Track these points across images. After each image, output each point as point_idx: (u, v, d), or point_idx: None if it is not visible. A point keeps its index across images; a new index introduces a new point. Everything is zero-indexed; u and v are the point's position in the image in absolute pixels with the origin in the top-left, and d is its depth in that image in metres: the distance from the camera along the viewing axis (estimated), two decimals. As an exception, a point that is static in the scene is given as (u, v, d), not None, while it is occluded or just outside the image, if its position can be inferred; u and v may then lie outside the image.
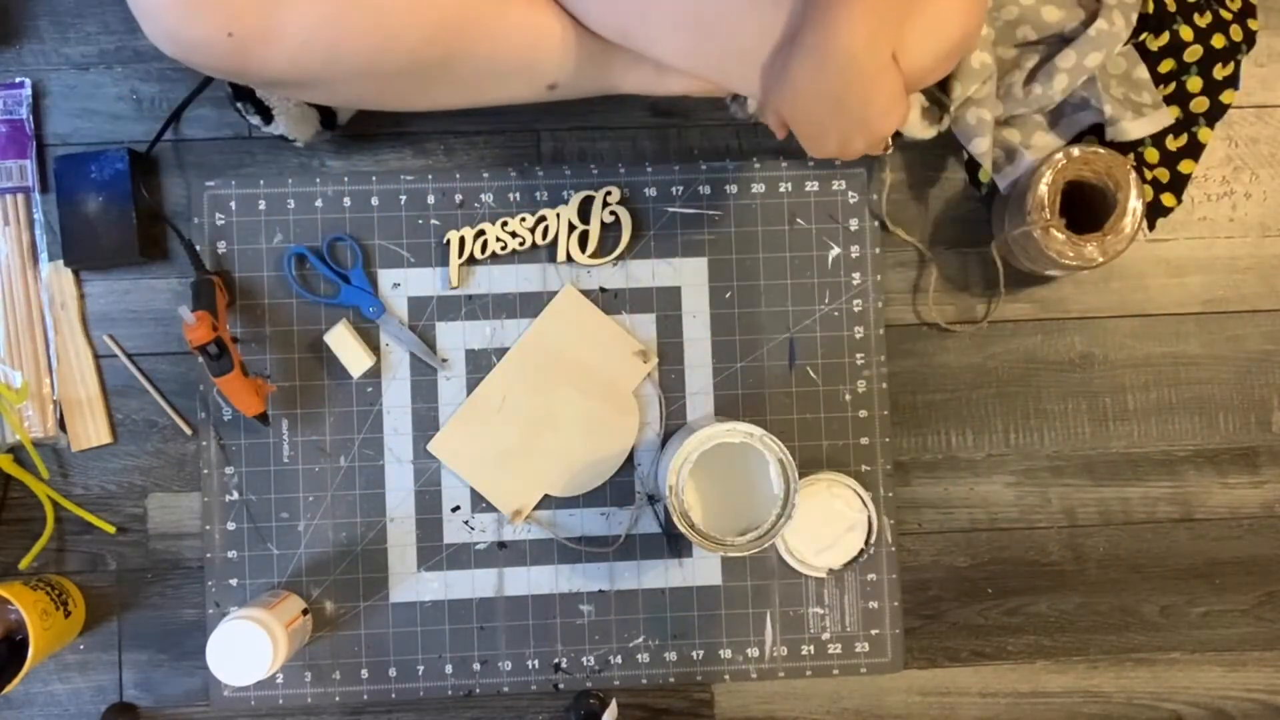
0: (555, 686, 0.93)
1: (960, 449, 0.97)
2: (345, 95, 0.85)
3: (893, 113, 0.74)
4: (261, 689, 0.92)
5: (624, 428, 0.93)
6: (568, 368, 0.93)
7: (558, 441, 0.93)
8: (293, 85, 0.80)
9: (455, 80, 0.82)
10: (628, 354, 0.93)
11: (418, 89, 0.83)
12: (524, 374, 0.93)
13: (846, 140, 0.76)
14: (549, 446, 0.93)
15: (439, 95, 0.84)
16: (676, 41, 0.78)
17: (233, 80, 0.86)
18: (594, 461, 0.93)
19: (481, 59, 0.80)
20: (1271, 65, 1.00)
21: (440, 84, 0.82)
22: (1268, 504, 0.98)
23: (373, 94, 0.83)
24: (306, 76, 0.77)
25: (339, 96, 0.86)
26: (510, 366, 0.93)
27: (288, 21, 0.72)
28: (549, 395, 0.93)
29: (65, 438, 0.93)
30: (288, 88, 0.83)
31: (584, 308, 0.93)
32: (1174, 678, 0.97)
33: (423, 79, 0.81)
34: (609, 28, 0.81)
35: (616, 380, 0.93)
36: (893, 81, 0.73)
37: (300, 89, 0.83)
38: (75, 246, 0.91)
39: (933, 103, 0.93)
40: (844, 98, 0.72)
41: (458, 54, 0.79)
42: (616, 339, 0.93)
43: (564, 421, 0.93)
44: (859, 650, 0.95)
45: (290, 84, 0.80)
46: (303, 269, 0.93)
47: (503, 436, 0.93)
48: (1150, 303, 0.98)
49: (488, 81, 0.83)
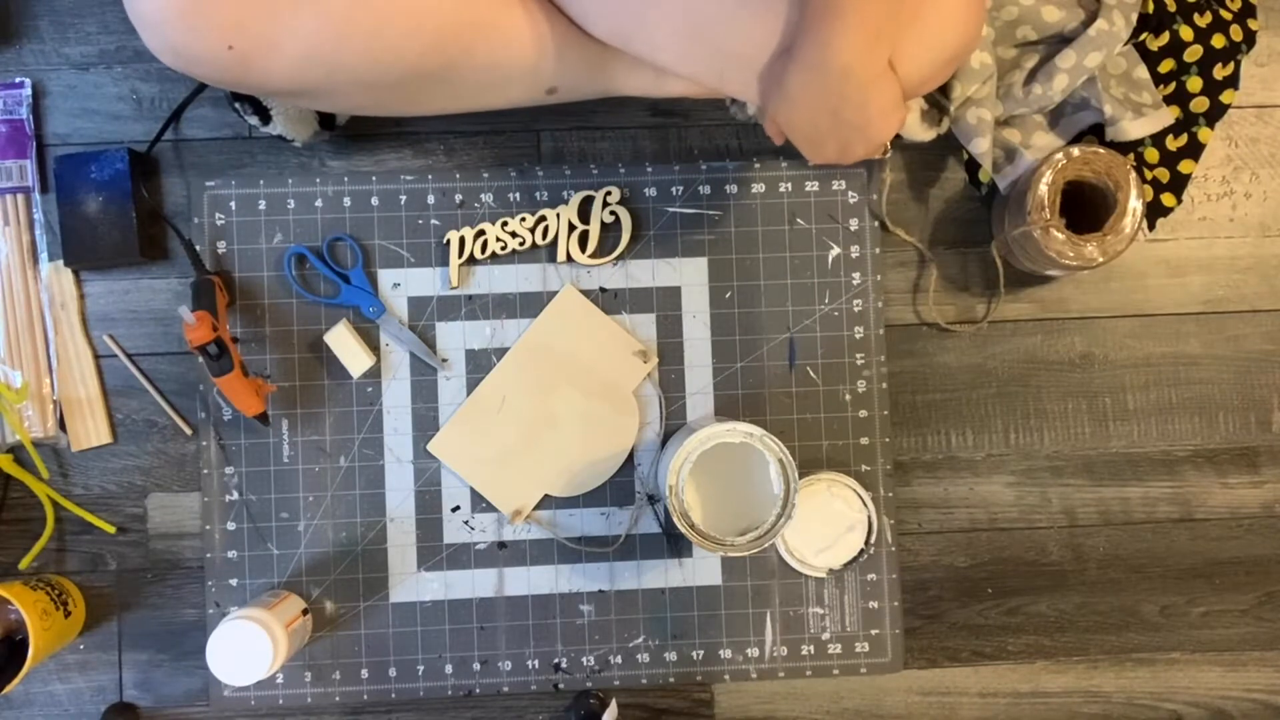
0: (555, 686, 0.93)
1: (960, 449, 0.97)
2: (346, 103, 0.85)
3: (890, 120, 0.74)
4: (261, 689, 0.92)
5: (624, 427, 0.93)
6: (568, 367, 0.93)
7: (557, 441, 0.93)
8: (293, 95, 0.80)
9: (455, 88, 0.82)
10: (628, 354, 0.93)
11: (418, 97, 0.83)
12: (524, 374, 0.93)
13: (845, 147, 0.76)
14: (549, 446, 0.93)
15: (439, 102, 0.84)
16: (676, 47, 0.78)
17: (233, 90, 0.86)
18: (594, 461, 0.93)
19: (481, 68, 0.81)
20: (1271, 65, 1.00)
21: (440, 92, 0.83)
22: (1268, 504, 0.98)
23: (373, 102, 0.83)
24: (307, 87, 0.77)
25: (339, 105, 0.86)
26: (510, 366, 0.93)
27: (288, 35, 0.72)
28: (549, 395, 0.93)
29: (65, 438, 0.93)
30: (288, 97, 0.84)
31: (584, 307, 0.93)
32: (1174, 678, 0.97)
33: (423, 88, 0.81)
34: (609, 33, 0.81)
35: (616, 380, 0.93)
36: (889, 90, 0.73)
37: (301, 98, 0.83)
38: (75, 246, 0.91)
39: (932, 105, 0.93)
40: (841, 109, 0.72)
41: (457, 63, 0.79)
42: (616, 339, 0.93)
43: (564, 421, 0.93)
44: (859, 650, 0.95)
45: (291, 94, 0.80)
46: (303, 269, 0.93)
47: (502, 436, 0.92)
48: (1150, 303, 0.98)
49: (487, 88, 0.84)
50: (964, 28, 0.76)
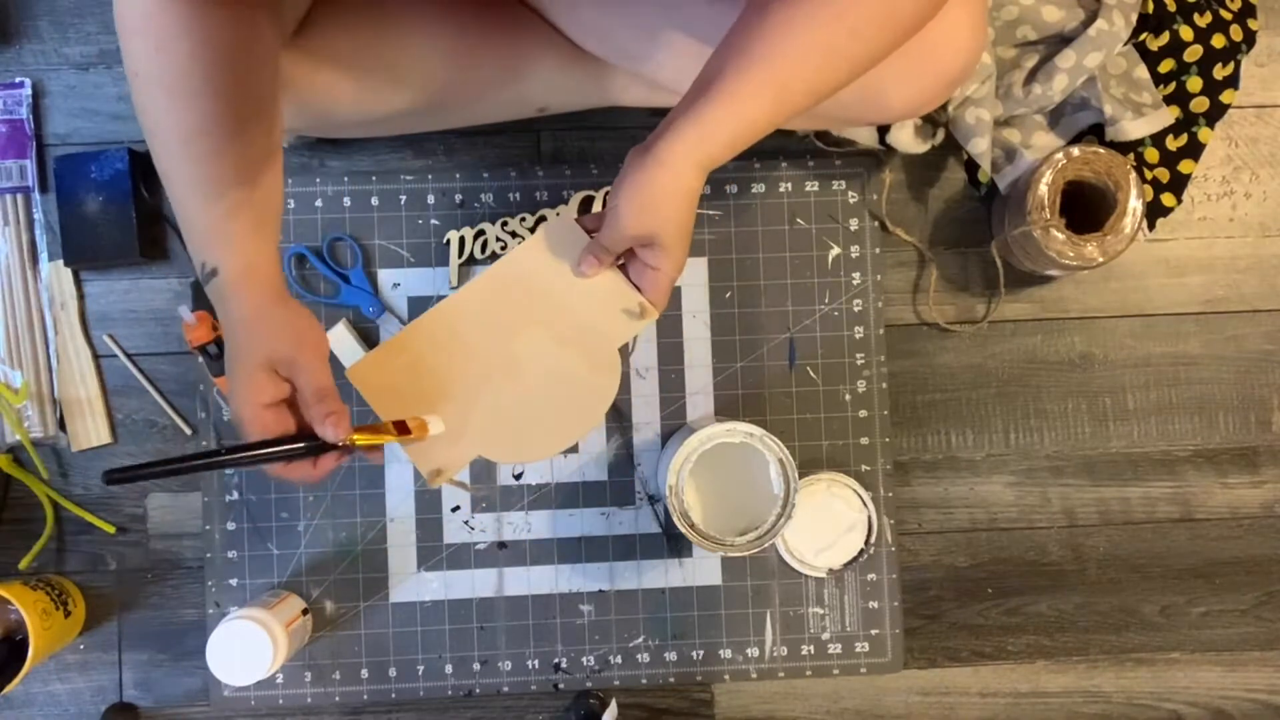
0: (555, 686, 0.93)
1: (960, 449, 0.97)
2: (339, 134, 0.91)
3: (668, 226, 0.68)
4: (261, 689, 0.92)
5: (598, 389, 0.73)
6: (544, 307, 0.73)
7: (511, 393, 0.72)
8: (287, 131, 0.86)
9: (449, 120, 0.89)
10: (621, 305, 0.73)
11: (410, 127, 0.90)
12: (487, 306, 0.73)
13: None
14: (499, 398, 0.72)
15: (431, 126, 0.90)
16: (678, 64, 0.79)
17: None
18: (551, 425, 0.73)
19: (473, 102, 0.86)
20: (1271, 65, 1.00)
21: (433, 123, 0.89)
22: (1267, 504, 0.98)
23: (365, 132, 0.90)
24: (301, 128, 0.84)
25: (333, 134, 0.92)
26: (472, 295, 0.73)
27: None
28: (512, 336, 0.73)
29: (65, 438, 0.92)
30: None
31: (579, 243, 0.72)
32: (1174, 678, 0.97)
33: (415, 123, 0.88)
34: (608, 52, 0.82)
35: (600, 330, 0.73)
36: (683, 208, 0.68)
37: (294, 132, 0.90)
38: (75, 246, 0.91)
39: (925, 120, 0.93)
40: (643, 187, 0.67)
41: (451, 105, 0.85)
42: (612, 285, 0.72)
43: (525, 370, 0.73)
44: (859, 650, 0.95)
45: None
46: (303, 269, 0.93)
47: (443, 376, 0.73)
48: (1150, 303, 0.98)
49: (480, 115, 0.89)
50: (965, 53, 0.76)
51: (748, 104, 0.63)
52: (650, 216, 0.66)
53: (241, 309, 0.65)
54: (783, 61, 0.62)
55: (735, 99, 0.63)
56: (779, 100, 0.63)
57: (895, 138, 0.92)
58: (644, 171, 0.65)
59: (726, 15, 0.66)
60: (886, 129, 0.92)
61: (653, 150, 0.64)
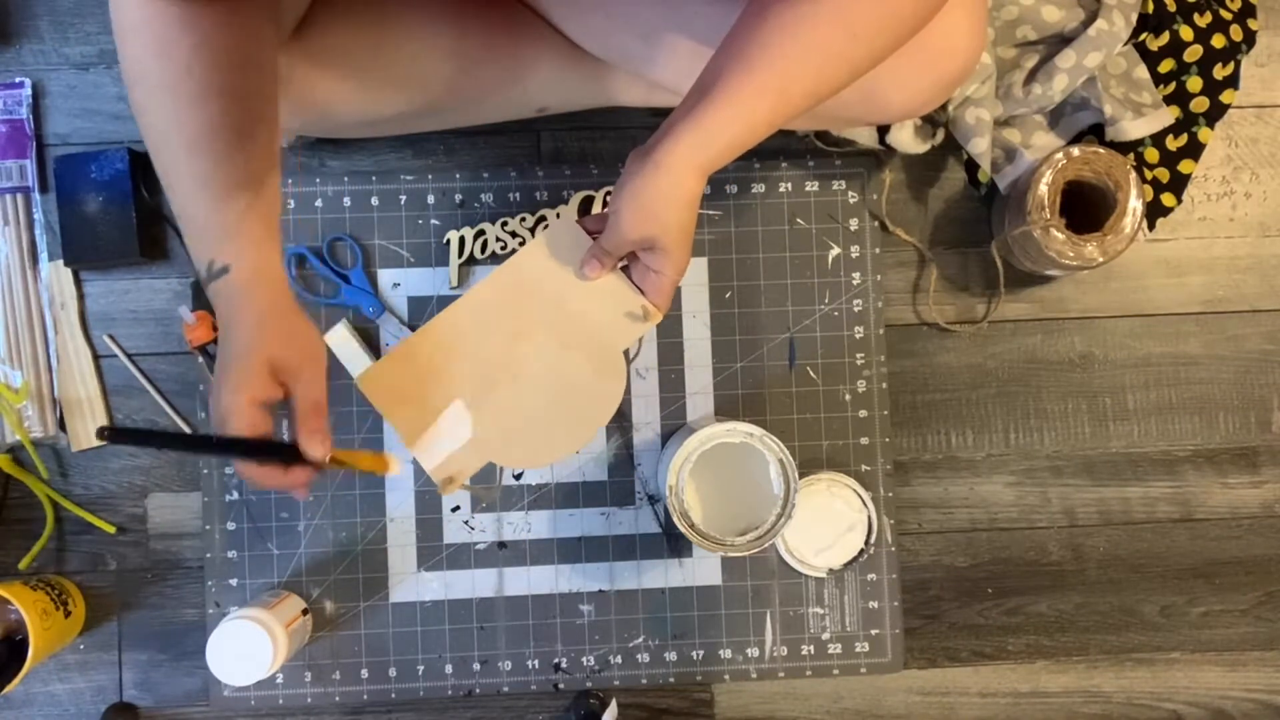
0: (555, 686, 0.93)
1: (960, 449, 0.97)
2: (339, 134, 0.92)
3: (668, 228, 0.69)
4: (261, 689, 0.92)
5: (604, 394, 0.74)
6: (548, 310, 0.74)
7: (517, 399, 0.74)
8: (285, 131, 0.86)
9: (449, 120, 0.89)
10: (625, 309, 0.74)
11: (410, 128, 0.90)
12: (492, 311, 0.74)
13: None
14: (505, 404, 0.74)
15: (432, 126, 0.90)
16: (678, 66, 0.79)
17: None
18: (559, 431, 0.75)
19: (474, 102, 0.86)
20: (1271, 65, 1.00)
21: (433, 123, 0.90)
22: (1267, 504, 0.98)
23: (364, 132, 0.90)
24: (299, 128, 0.84)
25: (333, 134, 0.92)
26: (477, 300, 0.74)
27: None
28: (518, 341, 0.74)
29: (65, 438, 0.92)
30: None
31: (582, 245, 0.73)
32: (1174, 678, 0.97)
33: (415, 124, 0.89)
34: (608, 53, 0.82)
35: (605, 335, 0.74)
36: (685, 212, 0.68)
37: (294, 132, 0.90)
38: (75, 246, 0.91)
39: (925, 120, 0.93)
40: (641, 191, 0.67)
41: (451, 105, 0.85)
42: (615, 289, 0.74)
43: (531, 375, 0.74)
44: (859, 650, 0.95)
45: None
46: (303, 269, 0.93)
47: (452, 383, 0.74)
48: (1150, 303, 0.98)
49: (480, 116, 0.89)
50: (965, 54, 0.76)
51: (748, 107, 0.63)
52: (651, 220, 0.66)
53: (254, 307, 0.65)
54: (783, 64, 0.62)
55: (735, 102, 0.63)
56: (779, 103, 0.63)
57: (895, 138, 0.92)
58: (644, 175, 0.65)
59: (726, 17, 0.66)
60: (886, 129, 0.92)
61: (653, 154, 0.65)
